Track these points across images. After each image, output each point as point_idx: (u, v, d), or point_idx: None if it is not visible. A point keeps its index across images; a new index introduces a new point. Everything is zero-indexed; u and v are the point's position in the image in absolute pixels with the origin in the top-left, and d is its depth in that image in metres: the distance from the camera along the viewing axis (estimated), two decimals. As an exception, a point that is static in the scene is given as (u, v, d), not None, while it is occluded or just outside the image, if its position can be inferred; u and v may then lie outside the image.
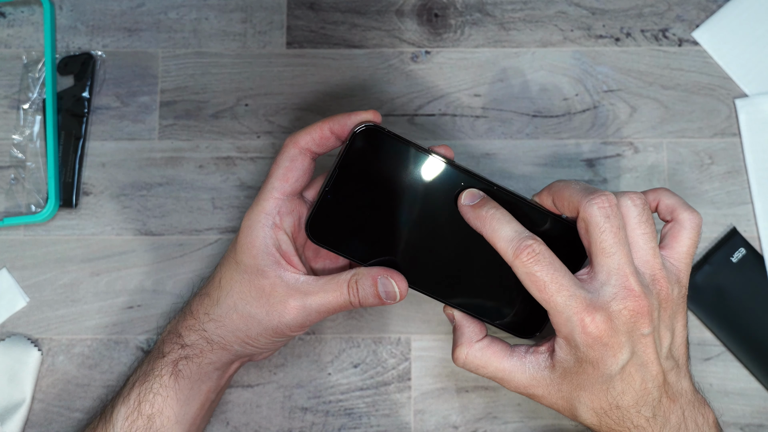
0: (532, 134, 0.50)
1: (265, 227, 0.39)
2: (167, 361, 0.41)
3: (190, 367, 0.41)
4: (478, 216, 0.38)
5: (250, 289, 0.39)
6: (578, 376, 0.37)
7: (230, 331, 0.40)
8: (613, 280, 0.36)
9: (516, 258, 0.36)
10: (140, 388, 0.40)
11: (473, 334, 0.39)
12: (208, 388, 0.42)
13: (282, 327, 0.39)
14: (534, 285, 0.36)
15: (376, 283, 0.38)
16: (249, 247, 0.39)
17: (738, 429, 0.47)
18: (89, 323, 0.48)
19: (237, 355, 0.42)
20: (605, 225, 0.36)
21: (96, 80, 0.50)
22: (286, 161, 0.40)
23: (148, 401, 0.40)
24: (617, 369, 0.36)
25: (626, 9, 0.51)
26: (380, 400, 0.47)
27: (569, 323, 0.35)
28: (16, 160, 0.50)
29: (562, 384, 0.37)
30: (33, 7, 0.51)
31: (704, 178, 0.49)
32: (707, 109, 0.50)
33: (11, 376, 0.47)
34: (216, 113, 0.50)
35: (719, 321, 0.47)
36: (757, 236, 0.48)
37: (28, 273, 0.49)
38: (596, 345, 0.35)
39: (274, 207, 0.39)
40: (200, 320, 0.41)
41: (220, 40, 0.51)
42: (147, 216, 0.49)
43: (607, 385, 0.36)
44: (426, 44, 0.51)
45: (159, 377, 0.40)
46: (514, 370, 0.38)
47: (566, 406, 0.38)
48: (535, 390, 0.38)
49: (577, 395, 0.37)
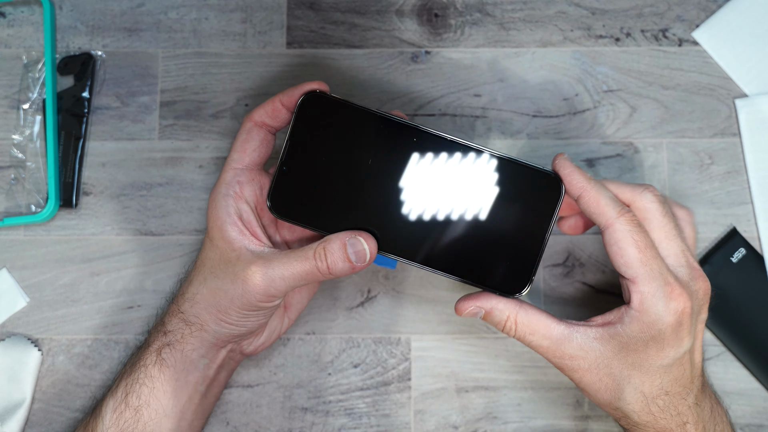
0: (532, 134, 0.50)
1: (226, 197, 0.40)
2: (151, 350, 0.41)
3: (173, 355, 0.40)
4: (583, 173, 0.38)
5: (219, 262, 0.40)
6: (637, 355, 0.36)
7: (203, 307, 0.40)
8: (683, 261, 0.37)
9: (620, 216, 0.36)
10: (127, 379, 0.41)
11: (511, 306, 0.38)
12: (195, 378, 0.41)
13: (247, 296, 0.38)
14: (633, 244, 0.36)
15: (344, 245, 0.38)
16: (214, 219, 0.40)
17: (738, 429, 0.47)
18: (89, 323, 0.48)
19: (217, 337, 0.41)
20: (665, 210, 0.37)
21: (96, 80, 0.50)
22: (242, 134, 0.41)
23: (134, 392, 0.40)
24: (680, 353, 0.36)
25: (626, 9, 0.51)
26: (380, 400, 0.47)
27: (657, 294, 0.35)
28: (16, 160, 0.50)
29: (614, 360, 0.36)
30: (33, 7, 0.51)
31: (704, 178, 0.49)
32: (707, 109, 0.50)
33: (11, 376, 0.47)
34: (216, 113, 0.50)
35: (719, 321, 0.47)
36: (757, 236, 0.48)
37: (28, 273, 0.49)
38: (674, 323, 0.36)
39: (232, 176, 0.40)
40: (178, 302, 0.41)
41: (220, 40, 0.51)
42: (147, 216, 0.49)
43: (666, 369, 0.36)
44: (426, 44, 0.51)
45: (144, 367, 0.40)
46: (561, 338, 0.37)
47: (610, 385, 0.37)
48: (580, 362, 0.37)
49: (628, 375, 0.36)
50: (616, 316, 0.37)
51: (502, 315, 0.38)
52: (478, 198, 0.39)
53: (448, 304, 0.48)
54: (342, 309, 0.48)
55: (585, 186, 0.37)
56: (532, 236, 0.39)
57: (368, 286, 0.49)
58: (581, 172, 0.38)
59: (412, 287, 0.48)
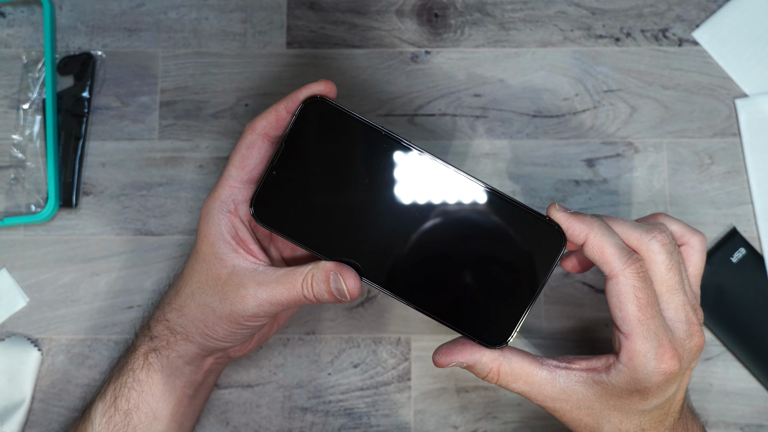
0: (532, 134, 0.50)
1: (220, 214, 0.39)
2: (138, 354, 0.41)
3: (160, 360, 0.40)
4: (583, 220, 0.35)
5: (207, 277, 0.39)
6: (620, 400, 0.36)
7: (190, 320, 0.40)
8: (682, 317, 0.36)
9: (627, 267, 0.35)
10: (115, 383, 0.41)
11: (490, 358, 0.37)
12: (182, 383, 0.41)
13: (235, 316, 0.38)
14: (634, 301, 0.35)
15: (328, 278, 0.36)
16: (206, 235, 0.39)
17: (738, 429, 0.47)
18: (89, 323, 0.48)
19: (203, 348, 0.41)
20: (671, 263, 0.36)
21: (96, 80, 0.50)
22: (243, 148, 0.38)
23: (123, 396, 0.40)
24: (663, 401, 0.36)
25: (626, 9, 0.51)
26: (380, 400, 0.47)
27: (649, 354, 0.35)
28: (16, 160, 0.50)
29: (596, 402, 0.37)
30: (33, 7, 0.51)
31: (704, 178, 0.49)
32: (707, 109, 0.50)
33: (11, 376, 0.47)
34: (216, 113, 0.50)
35: (719, 321, 0.47)
36: (757, 236, 0.48)
37: (28, 273, 0.49)
38: (662, 382, 0.35)
39: (228, 195, 0.39)
40: (164, 310, 0.41)
41: (220, 40, 0.51)
42: (147, 216, 0.49)
43: (647, 412, 0.37)
44: (426, 44, 0.51)
45: (132, 371, 0.40)
46: (543, 383, 0.36)
47: (590, 423, 0.37)
48: (563, 404, 0.37)
49: (608, 415, 0.37)
50: (603, 365, 0.37)
51: (485, 368, 0.37)
52: (473, 239, 0.36)
53: (448, 304, 0.48)
54: (342, 309, 0.48)
55: (588, 233, 0.35)
56: (524, 286, 0.36)
57: (368, 286, 0.49)
58: (582, 218, 0.36)
59: (412, 287, 0.48)
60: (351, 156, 0.36)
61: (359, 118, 0.36)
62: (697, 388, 0.47)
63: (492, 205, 0.36)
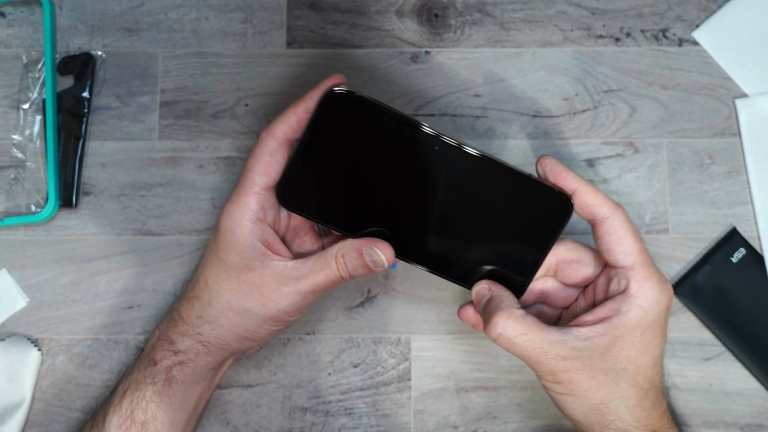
0: (532, 134, 0.50)
1: (250, 223, 0.39)
2: (160, 368, 0.40)
3: (184, 372, 0.40)
4: (572, 171, 0.39)
5: (239, 284, 0.39)
6: (633, 346, 0.37)
7: (227, 330, 0.40)
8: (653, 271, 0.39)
9: (618, 208, 0.38)
10: (132, 395, 0.40)
11: (512, 302, 0.38)
12: (201, 388, 0.42)
13: (280, 314, 0.39)
14: (632, 233, 0.38)
15: (361, 254, 0.38)
16: (234, 244, 0.39)
17: (738, 429, 0.47)
18: (89, 323, 0.48)
19: (233, 353, 0.42)
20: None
21: (96, 80, 0.50)
22: (265, 155, 0.39)
23: (140, 409, 0.40)
24: (664, 343, 0.38)
25: (626, 9, 0.51)
26: (380, 400, 0.47)
27: (654, 278, 0.37)
28: (16, 160, 0.50)
29: (609, 354, 0.37)
30: (33, 7, 0.51)
31: (704, 178, 0.49)
32: (707, 109, 0.50)
33: (11, 376, 0.47)
34: (216, 113, 0.50)
35: (719, 321, 0.47)
36: (757, 236, 0.48)
37: (28, 273, 0.49)
38: (667, 307, 0.38)
39: (256, 203, 0.39)
40: (193, 324, 0.41)
41: (220, 40, 0.51)
42: (147, 216, 0.49)
43: (655, 362, 0.38)
44: (426, 44, 0.51)
45: (152, 384, 0.40)
46: (555, 341, 0.36)
47: (604, 382, 0.37)
48: (573, 361, 0.36)
49: (623, 368, 0.37)
50: (611, 309, 0.37)
51: (499, 306, 0.38)
52: (491, 212, 0.39)
53: (448, 304, 0.48)
54: (342, 309, 0.48)
55: (581, 181, 0.39)
56: (534, 251, 0.40)
57: (368, 286, 0.49)
58: (570, 171, 0.39)
59: (412, 287, 0.48)
60: (372, 142, 0.38)
61: (379, 105, 0.37)
62: (697, 388, 0.47)
63: (506, 179, 0.39)
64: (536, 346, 0.36)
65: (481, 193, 0.39)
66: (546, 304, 0.43)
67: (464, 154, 0.38)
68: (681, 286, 0.48)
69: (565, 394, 0.37)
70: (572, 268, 0.41)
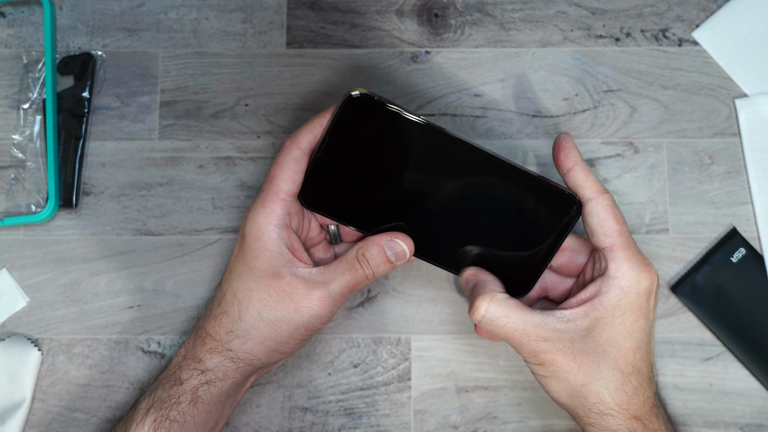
0: (532, 134, 0.50)
1: (277, 229, 0.39)
2: (186, 388, 0.39)
3: (210, 392, 0.40)
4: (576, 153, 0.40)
5: (269, 294, 0.39)
6: (613, 328, 0.37)
7: (258, 342, 0.40)
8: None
9: (604, 192, 0.39)
10: (156, 414, 0.39)
11: (496, 286, 0.39)
12: (226, 406, 0.41)
13: (313, 320, 0.40)
14: (614, 217, 0.38)
15: (382, 248, 0.40)
16: (262, 251, 0.39)
17: (738, 429, 0.47)
18: (89, 323, 0.48)
19: (261, 368, 0.41)
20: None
21: (96, 80, 0.50)
22: (290, 163, 0.39)
23: (164, 428, 0.39)
24: (649, 326, 0.38)
25: (626, 9, 0.51)
26: (380, 400, 0.47)
27: (633, 260, 0.38)
28: (16, 160, 0.50)
29: (589, 336, 0.37)
30: (33, 7, 0.51)
31: (704, 178, 0.49)
32: (707, 109, 0.50)
33: (11, 376, 0.47)
34: (216, 113, 0.50)
35: (719, 321, 0.47)
36: (757, 236, 0.48)
37: (28, 273, 0.49)
38: (648, 289, 0.38)
39: (283, 209, 0.39)
40: (223, 341, 0.40)
41: (220, 40, 0.51)
42: (147, 216, 0.49)
43: (638, 345, 0.38)
44: (426, 44, 0.51)
45: (177, 404, 0.39)
46: (537, 323, 0.37)
47: (585, 364, 0.37)
48: (554, 342, 0.37)
49: (603, 350, 0.37)
50: (592, 292, 0.38)
51: (482, 290, 0.39)
52: (504, 212, 0.40)
53: (448, 303, 0.48)
54: (342, 309, 0.48)
55: (578, 162, 0.40)
56: (542, 250, 0.41)
57: (368, 286, 0.49)
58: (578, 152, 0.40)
59: (412, 287, 0.48)
60: (392, 145, 0.39)
61: (399, 110, 0.38)
62: (696, 388, 0.47)
63: (519, 181, 0.40)
64: (518, 327, 0.37)
65: (495, 195, 0.40)
66: (548, 298, 0.43)
67: (478, 155, 0.39)
68: (681, 286, 0.48)
69: (547, 376, 0.38)
70: (565, 257, 0.42)
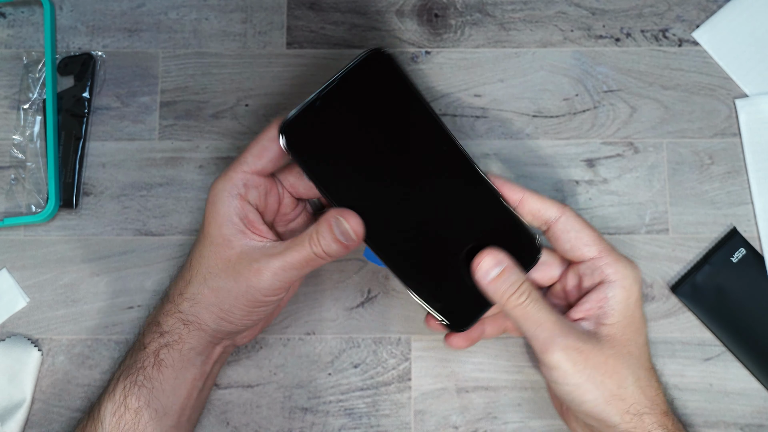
0: (532, 134, 0.50)
1: (230, 197, 0.39)
2: (149, 351, 0.40)
3: (171, 356, 0.40)
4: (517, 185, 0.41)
5: (216, 261, 0.39)
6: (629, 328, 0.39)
7: (204, 307, 0.40)
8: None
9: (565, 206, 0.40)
10: (125, 381, 0.40)
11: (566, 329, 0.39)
12: (193, 376, 0.41)
13: (252, 292, 0.39)
14: (588, 227, 0.40)
15: (330, 227, 0.37)
16: (215, 217, 0.39)
17: (738, 429, 0.47)
18: (89, 323, 0.48)
19: (215, 336, 0.41)
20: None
21: (96, 80, 0.50)
22: (264, 140, 0.39)
23: (133, 395, 0.40)
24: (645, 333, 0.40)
25: (626, 9, 0.51)
26: (380, 401, 0.47)
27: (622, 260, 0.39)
28: (16, 160, 0.50)
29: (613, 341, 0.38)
30: (33, 7, 0.51)
31: (704, 179, 0.49)
32: (707, 110, 0.50)
33: (11, 376, 0.47)
34: (216, 113, 0.50)
35: (719, 321, 0.47)
36: (758, 236, 0.48)
37: (28, 273, 0.49)
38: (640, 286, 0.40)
39: (240, 179, 0.39)
40: (176, 303, 0.41)
41: (220, 41, 0.51)
42: (147, 216, 0.49)
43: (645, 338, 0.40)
44: (426, 44, 0.51)
45: (142, 369, 0.40)
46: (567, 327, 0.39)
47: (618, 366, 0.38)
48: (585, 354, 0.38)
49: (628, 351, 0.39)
50: (598, 300, 0.39)
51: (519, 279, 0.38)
52: (466, 228, 0.40)
53: (448, 304, 0.48)
54: (342, 309, 0.48)
55: (526, 190, 0.40)
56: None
57: (368, 286, 0.49)
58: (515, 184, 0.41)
59: (412, 287, 0.48)
60: (389, 117, 0.38)
61: (412, 87, 0.38)
62: (697, 388, 0.47)
63: (490, 201, 0.40)
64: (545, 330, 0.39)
65: (464, 208, 0.39)
66: None
67: (467, 167, 0.39)
68: (681, 286, 0.48)
69: (581, 383, 0.38)
70: (538, 271, 0.42)
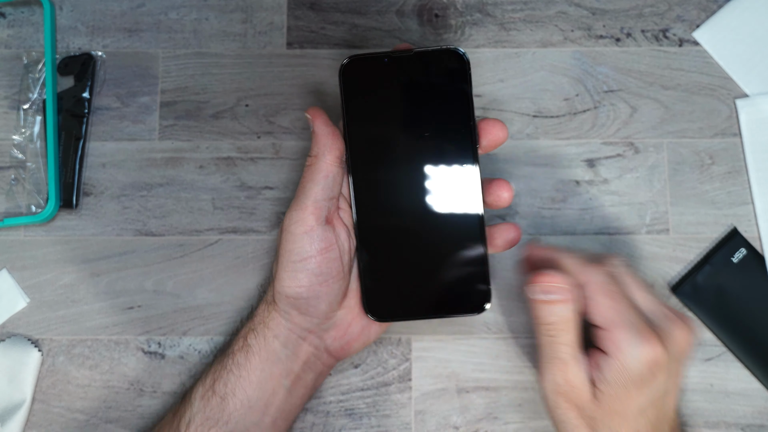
0: (532, 134, 0.50)
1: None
2: (239, 336, 0.42)
3: (257, 342, 0.41)
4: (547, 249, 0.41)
5: None
6: (618, 400, 0.37)
7: (276, 289, 0.41)
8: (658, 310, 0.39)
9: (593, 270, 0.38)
10: (215, 366, 0.42)
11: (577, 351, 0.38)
12: (279, 371, 0.41)
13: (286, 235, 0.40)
14: (607, 296, 0.37)
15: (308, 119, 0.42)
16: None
17: (739, 429, 0.47)
18: (89, 324, 0.48)
19: (292, 323, 0.41)
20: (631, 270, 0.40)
21: (96, 81, 0.50)
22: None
23: (221, 379, 0.41)
24: (657, 394, 0.37)
25: (626, 9, 0.51)
26: (381, 401, 0.47)
27: (632, 339, 0.37)
28: (16, 160, 0.50)
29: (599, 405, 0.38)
30: (33, 7, 0.51)
31: (705, 179, 0.49)
32: (708, 109, 0.50)
33: (11, 376, 0.47)
34: (216, 113, 0.50)
35: (720, 321, 0.47)
36: (758, 236, 0.48)
37: (28, 273, 0.49)
38: (651, 363, 0.36)
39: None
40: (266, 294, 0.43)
41: (220, 41, 0.51)
42: (147, 216, 0.49)
43: (642, 412, 0.37)
44: (426, 44, 0.51)
45: (232, 354, 0.42)
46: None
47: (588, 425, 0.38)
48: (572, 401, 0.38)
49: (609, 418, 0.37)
50: (594, 362, 0.38)
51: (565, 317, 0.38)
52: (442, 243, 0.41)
53: (448, 304, 0.48)
54: (342, 309, 0.48)
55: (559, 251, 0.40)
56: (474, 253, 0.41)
57: (368, 287, 0.48)
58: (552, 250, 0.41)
59: (412, 287, 0.48)
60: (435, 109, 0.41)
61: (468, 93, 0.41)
62: (697, 388, 0.47)
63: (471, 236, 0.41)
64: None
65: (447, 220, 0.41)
66: None
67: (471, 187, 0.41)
68: (682, 287, 0.48)
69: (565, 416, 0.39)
70: None
